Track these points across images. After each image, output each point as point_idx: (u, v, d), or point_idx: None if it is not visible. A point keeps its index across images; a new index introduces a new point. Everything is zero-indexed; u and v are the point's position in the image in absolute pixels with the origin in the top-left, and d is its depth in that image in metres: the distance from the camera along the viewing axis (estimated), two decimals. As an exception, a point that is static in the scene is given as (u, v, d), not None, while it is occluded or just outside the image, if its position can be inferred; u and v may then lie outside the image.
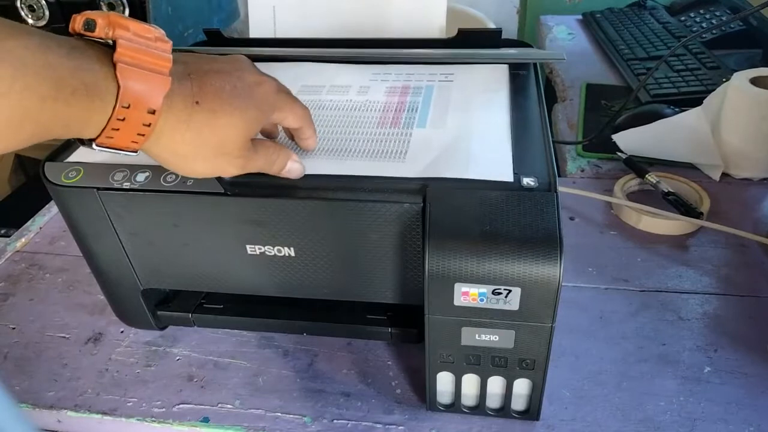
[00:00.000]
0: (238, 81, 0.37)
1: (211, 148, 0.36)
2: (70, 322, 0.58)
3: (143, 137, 0.33)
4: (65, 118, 0.30)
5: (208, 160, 0.37)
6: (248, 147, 0.38)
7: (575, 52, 1.12)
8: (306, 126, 0.43)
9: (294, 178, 0.42)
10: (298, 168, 0.42)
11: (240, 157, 0.38)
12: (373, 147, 0.45)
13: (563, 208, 0.67)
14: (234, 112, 0.36)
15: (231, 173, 0.39)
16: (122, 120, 0.32)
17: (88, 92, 0.30)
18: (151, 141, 0.34)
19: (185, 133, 0.35)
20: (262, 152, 0.39)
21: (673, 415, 0.46)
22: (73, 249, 0.56)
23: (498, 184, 0.40)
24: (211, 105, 0.35)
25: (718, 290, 0.57)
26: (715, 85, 0.80)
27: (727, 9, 1.10)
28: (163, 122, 0.34)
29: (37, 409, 0.50)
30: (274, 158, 0.40)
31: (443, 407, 0.46)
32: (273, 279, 0.46)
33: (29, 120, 0.29)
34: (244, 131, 0.37)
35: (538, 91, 0.52)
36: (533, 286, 0.36)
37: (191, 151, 0.36)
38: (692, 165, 0.75)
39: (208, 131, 0.35)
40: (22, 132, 0.29)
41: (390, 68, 0.58)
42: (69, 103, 0.29)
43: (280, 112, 0.40)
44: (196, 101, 0.35)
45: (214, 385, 0.50)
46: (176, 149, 0.36)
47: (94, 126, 0.32)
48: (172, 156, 0.36)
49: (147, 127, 0.33)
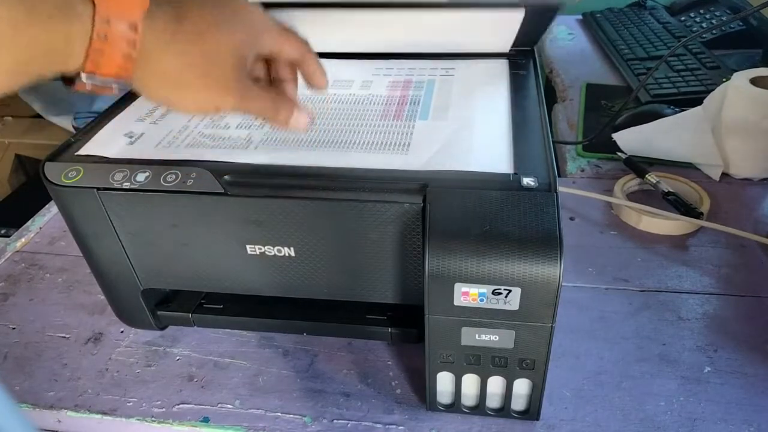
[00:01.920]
0: (223, 7, 0.36)
1: (200, 72, 0.35)
2: (70, 322, 0.58)
3: (130, 60, 0.32)
4: (44, 44, 0.29)
5: (199, 88, 0.35)
6: (243, 80, 0.37)
7: (575, 52, 1.12)
8: (308, 57, 0.40)
9: (301, 130, 0.40)
10: (305, 119, 0.39)
11: (235, 89, 0.36)
12: (377, 138, 0.46)
13: (563, 208, 0.67)
14: (220, 34, 0.35)
15: (227, 109, 0.37)
16: (104, 39, 0.31)
17: (64, 15, 0.29)
18: (140, 66, 0.33)
19: (172, 56, 0.34)
20: (264, 94, 0.38)
21: (673, 415, 0.46)
22: (73, 249, 0.56)
23: (498, 180, 0.40)
24: (196, 27, 0.34)
25: (718, 290, 0.57)
26: (715, 85, 0.79)
27: (727, 9, 1.10)
28: (147, 42, 0.32)
29: (37, 409, 0.50)
30: (278, 104, 0.38)
31: (443, 407, 0.46)
32: (273, 279, 0.46)
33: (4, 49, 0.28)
34: (233, 54, 0.36)
35: (538, 91, 0.52)
36: (533, 286, 0.36)
37: (181, 75, 0.34)
38: (692, 165, 0.75)
39: (195, 52, 0.34)
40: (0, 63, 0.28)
41: (392, 63, 0.59)
42: (46, 29, 0.29)
43: (272, 39, 0.38)
44: (179, 21, 0.34)
45: (214, 385, 0.50)
46: (166, 72, 0.34)
47: (76, 53, 0.31)
48: (163, 82, 0.35)
49: (132, 47, 0.32)
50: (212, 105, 0.36)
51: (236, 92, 0.36)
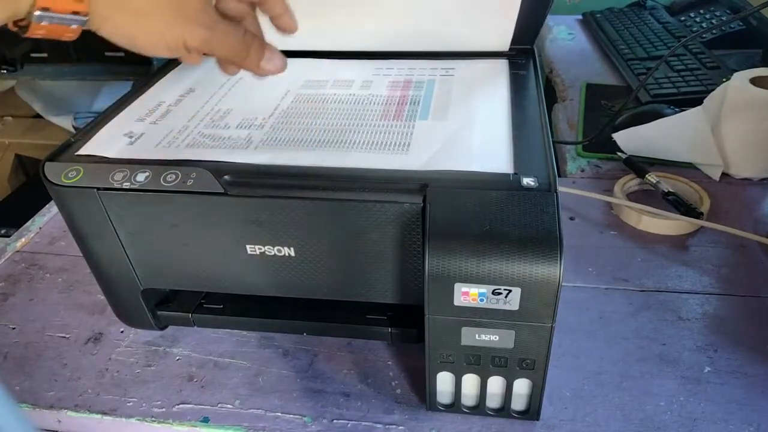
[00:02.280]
0: None
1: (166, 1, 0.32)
2: (70, 322, 0.58)
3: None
4: None
5: (166, 17, 0.32)
6: (210, 10, 0.34)
7: (575, 52, 1.12)
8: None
9: (275, 71, 0.37)
10: (279, 59, 0.37)
11: (203, 20, 0.34)
12: (377, 138, 0.46)
13: (563, 208, 0.67)
14: None
15: (194, 44, 0.34)
16: None
17: None
18: None
19: None
20: (232, 30, 0.35)
21: (673, 415, 0.46)
22: (73, 249, 0.56)
23: (498, 180, 0.40)
24: None
25: (718, 290, 0.57)
26: (715, 85, 0.80)
27: (727, 9, 1.10)
28: None
29: (37, 409, 0.50)
30: (248, 41, 0.35)
31: (443, 407, 0.46)
32: (273, 279, 0.46)
33: None
34: None
35: (538, 91, 0.52)
36: (533, 286, 0.36)
37: (144, 2, 0.32)
38: (692, 165, 0.75)
39: None
40: None
41: (392, 63, 0.59)
42: None
43: None
44: None
45: (214, 385, 0.50)
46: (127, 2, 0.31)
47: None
48: (125, 15, 0.32)
49: None
50: (180, 39, 0.34)
51: (205, 24, 0.34)
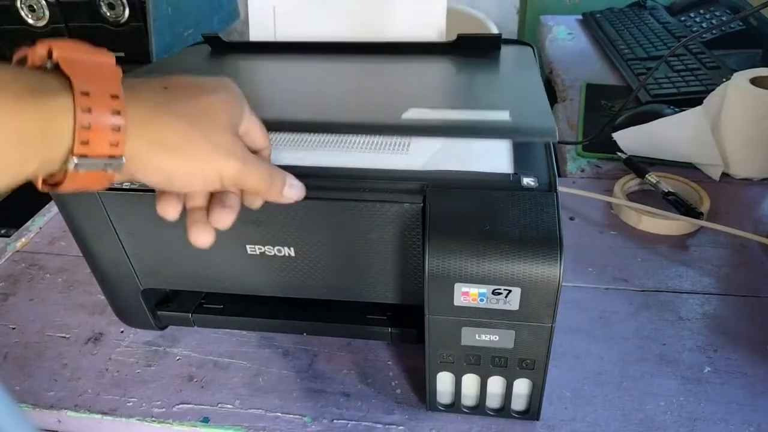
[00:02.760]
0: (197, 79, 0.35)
1: (202, 133, 0.33)
2: (70, 322, 0.58)
3: (120, 135, 0.29)
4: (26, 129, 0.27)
5: (204, 152, 0.33)
6: (240, 143, 0.35)
7: (575, 52, 1.12)
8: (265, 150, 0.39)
9: (296, 198, 0.39)
10: (299, 186, 0.39)
11: (237, 153, 0.34)
12: (377, 138, 0.45)
13: (563, 208, 0.67)
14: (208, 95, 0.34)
15: (230, 176, 0.34)
16: (89, 113, 0.28)
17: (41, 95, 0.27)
18: (134, 138, 0.30)
19: (171, 117, 0.32)
20: (259, 161, 0.36)
21: (673, 415, 0.46)
22: (73, 249, 0.56)
23: (498, 180, 0.40)
24: (184, 90, 0.33)
25: (718, 290, 0.57)
26: (715, 85, 0.80)
27: (727, 9, 1.11)
28: (135, 110, 0.30)
29: (37, 409, 0.50)
30: (274, 173, 0.37)
31: (443, 407, 0.46)
32: (273, 279, 0.46)
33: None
34: (227, 112, 0.34)
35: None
36: (533, 286, 0.36)
37: (182, 138, 0.32)
38: (692, 165, 0.75)
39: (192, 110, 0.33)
40: None
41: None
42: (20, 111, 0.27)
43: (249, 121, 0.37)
44: (165, 87, 0.32)
45: (214, 385, 0.50)
46: (166, 138, 0.32)
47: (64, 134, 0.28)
48: (162, 152, 0.32)
49: (118, 116, 0.29)
50: (218, 173, 0.34)
51: (238, 155, 0.34)
